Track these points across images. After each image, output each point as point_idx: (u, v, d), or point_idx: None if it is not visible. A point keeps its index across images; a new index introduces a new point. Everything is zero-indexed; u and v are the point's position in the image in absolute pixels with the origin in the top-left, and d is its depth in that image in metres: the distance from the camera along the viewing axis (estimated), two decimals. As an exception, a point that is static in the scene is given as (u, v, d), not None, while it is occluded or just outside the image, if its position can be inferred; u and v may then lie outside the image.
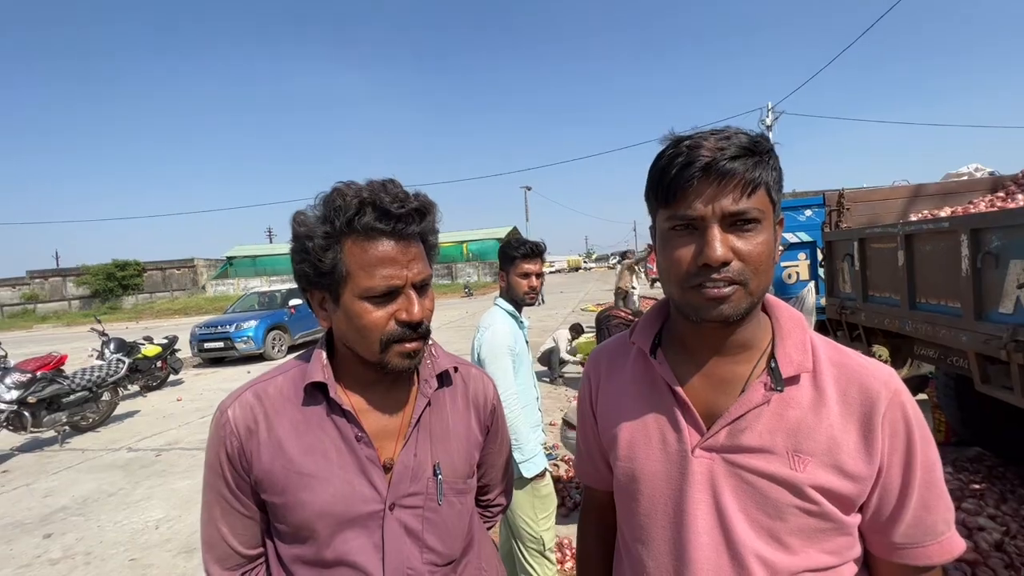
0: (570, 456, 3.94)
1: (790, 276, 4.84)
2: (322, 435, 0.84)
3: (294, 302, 11.66)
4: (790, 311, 0.76)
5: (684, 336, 0.76)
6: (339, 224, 0.77)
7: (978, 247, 2.17)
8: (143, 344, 8.26)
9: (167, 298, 32.55)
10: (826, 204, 4.57)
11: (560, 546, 2.77)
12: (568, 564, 2.71)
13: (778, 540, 0.67)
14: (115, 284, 31.65)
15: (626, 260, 9.76)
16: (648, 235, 0.82)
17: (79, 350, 11.13)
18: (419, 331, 0.81)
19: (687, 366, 0.75)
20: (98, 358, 7.45)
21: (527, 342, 2.14)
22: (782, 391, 0.69)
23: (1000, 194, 3.84)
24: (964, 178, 4.59)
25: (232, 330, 10.58)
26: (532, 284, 2.09)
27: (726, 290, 0.64)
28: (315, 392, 0.85)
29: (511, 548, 2.03)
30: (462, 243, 37.12)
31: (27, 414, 5.48)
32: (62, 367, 6.29)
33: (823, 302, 3.99)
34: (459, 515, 0.92)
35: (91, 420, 6.28)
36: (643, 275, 13.58)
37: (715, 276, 0.64)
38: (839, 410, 0.68)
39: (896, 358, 3.28)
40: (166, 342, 8.63)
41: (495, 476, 1.09)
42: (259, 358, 10.81)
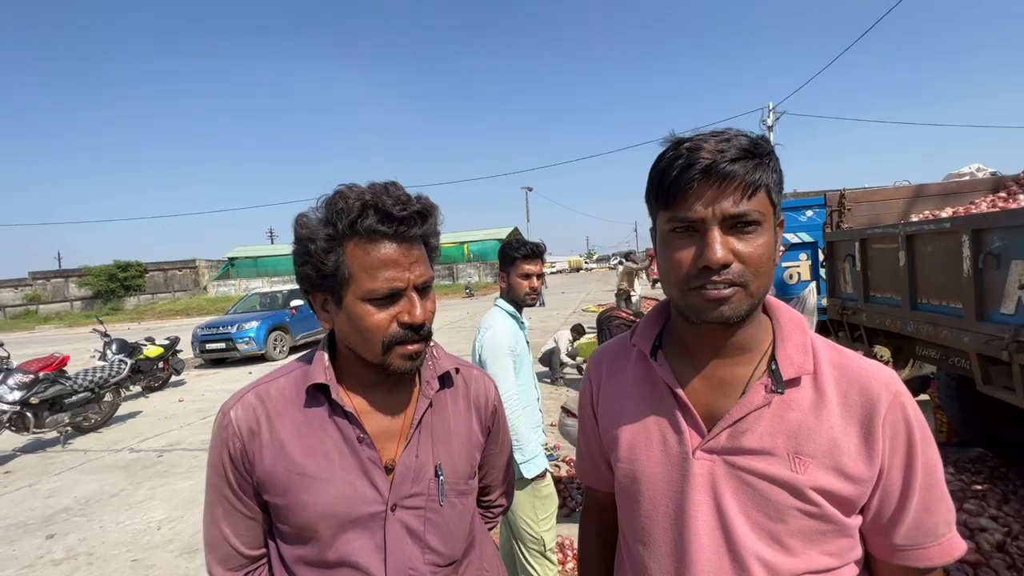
0: (571, 457, 3.93)
1: (791, 277, 4.84)
2: (324, 436, 0.84)
3: (296, 303, 11.66)
4: (791, 313, 0.77)
5: (685, 338, 0.76)
6: (341, 227, 0.77)
7: (980, 247, 2.17)
8: (145, 345, 8.26)
9: (169, 299, 32.61)
10: (827, 204, 4.56)
11: (561, 547, 2.77)
12: (570, 565, 2.71)
13: (779, 542, 0.67)
14: (117, 285, 31.73)
15: (627, 265, 9.75)
16: (649, 236, 0.82)
17: (81, 351, 11.18)
18: (421, 333, 0.81)
19: (688, 368, 0.75)
20: (100, 359, 7.46)
21: (528, 343, 2.14)
22: (783, 393, 0.69)
23: (1002, 194, 3.83)
24: (965, 178, 4.57)
25: (234, 331, 10.59)
26: (533, 285, 2.10)
27: (726, 292, 0.65)
28: (317, 393, 0.85)
29: (512, 548, 2.03)
30: (463, 244, 37.09)
31: (30, 415, 5.49)
32: (64, 368, 6.30)
33: (824, 303, 3.98)
34: (460, 516, 0.92)
35: (93, 421, 6.29)
36: (644, 276, 13.57)
37: (715, 278, 0.64)
38: (840, 412, 0.68)
39: (898, 359, 3.27)
40: (168, 343, 8.64)
41: (496, 477, 1.09)
42: (261, 359, 10.83)
